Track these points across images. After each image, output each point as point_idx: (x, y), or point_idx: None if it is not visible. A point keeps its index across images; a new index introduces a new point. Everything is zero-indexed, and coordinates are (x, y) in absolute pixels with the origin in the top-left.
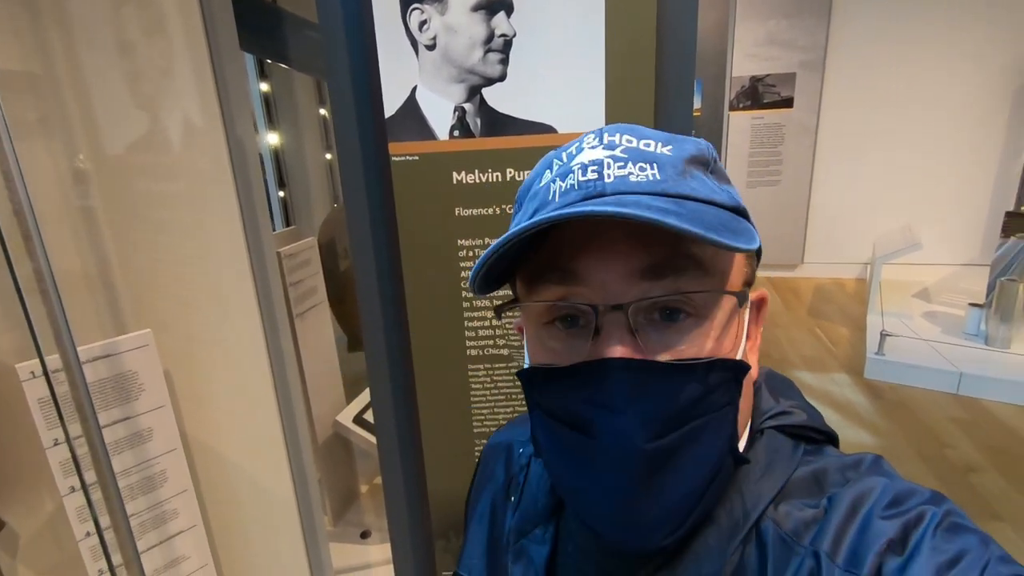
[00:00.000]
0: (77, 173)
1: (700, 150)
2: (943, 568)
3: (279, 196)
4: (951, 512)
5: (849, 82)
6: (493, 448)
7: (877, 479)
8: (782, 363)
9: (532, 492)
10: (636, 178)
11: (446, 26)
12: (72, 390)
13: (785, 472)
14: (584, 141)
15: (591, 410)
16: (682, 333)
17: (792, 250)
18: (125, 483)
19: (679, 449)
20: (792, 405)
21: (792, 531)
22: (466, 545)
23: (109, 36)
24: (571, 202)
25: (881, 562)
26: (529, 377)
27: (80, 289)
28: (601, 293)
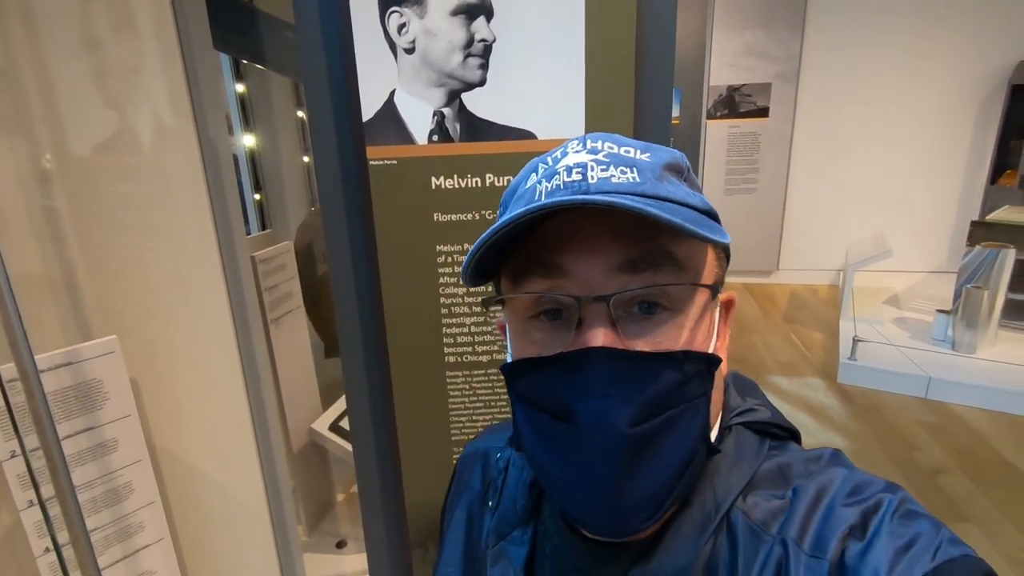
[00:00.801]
0: (41, 173)
1: (675, 159)
2: (900, 551)
3: (255, 199)
4: (906, 500)
5: (822, 92)
6: (469, 457)
7: (838, 470)
8: (758, 368)
9: (511, 495)
10: (617, 180)
11: (425, 30)
12: (29, 400)
13: (752, 465)
14: (568, 147)
15: (574, 397)
16: (659, 325)
17: (768, 257)
18: (88, 495)
19: (657, 435)
20: (757, 404)
21: (760, 521)
22: (442, 554)
23: (75, 31)
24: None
25: (844, 547)
26: (513, 370)
27: (43, 293)
28: (584, 286)
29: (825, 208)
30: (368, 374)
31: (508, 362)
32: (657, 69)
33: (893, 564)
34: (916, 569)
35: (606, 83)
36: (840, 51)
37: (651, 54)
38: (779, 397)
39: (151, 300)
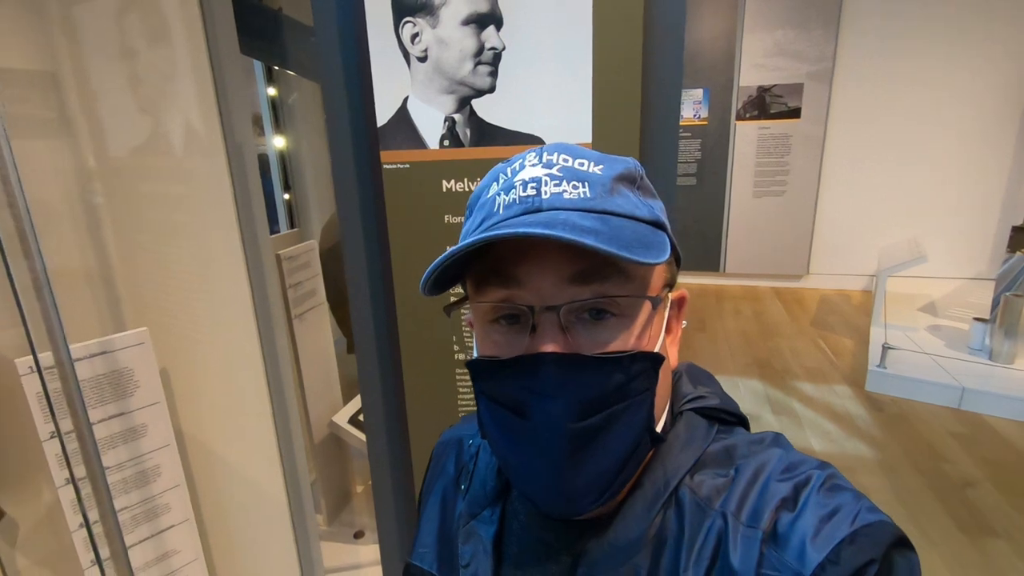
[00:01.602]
0: (82, 172)
1: (628, 169)
2: (824, 519)
3: (284, 198)
4: (833, 475)
5: (857, 94)
6: (444, 445)
7: (775, 450)
8: (784, 373)
9: (481, 478)
10: (569, 195)
11: (437, 39)
12: (64, 386)
13: (700, 447)
14: (526, 159)
15: (527, 396)
16: (607, 330)
17: (797, 261)
18: (119, 477)
19: (601, 429)
20: (708, 391)
21: (705, 497)
22: (418, 535)
23: (114, 41)
24: (513, 215)
25: (776, 517)
26: (476, 368)
27: (81, 287)
28: (537, 296)
29: (858, 211)
30: (381, 370)
31: (473, 359)
32: (665, 74)
33: (818, 530)
34: (837, 533)
35: (613, 89)
36: (876, 51)
37: (659, 60)
38: (804, 404)
39: (179, 295)
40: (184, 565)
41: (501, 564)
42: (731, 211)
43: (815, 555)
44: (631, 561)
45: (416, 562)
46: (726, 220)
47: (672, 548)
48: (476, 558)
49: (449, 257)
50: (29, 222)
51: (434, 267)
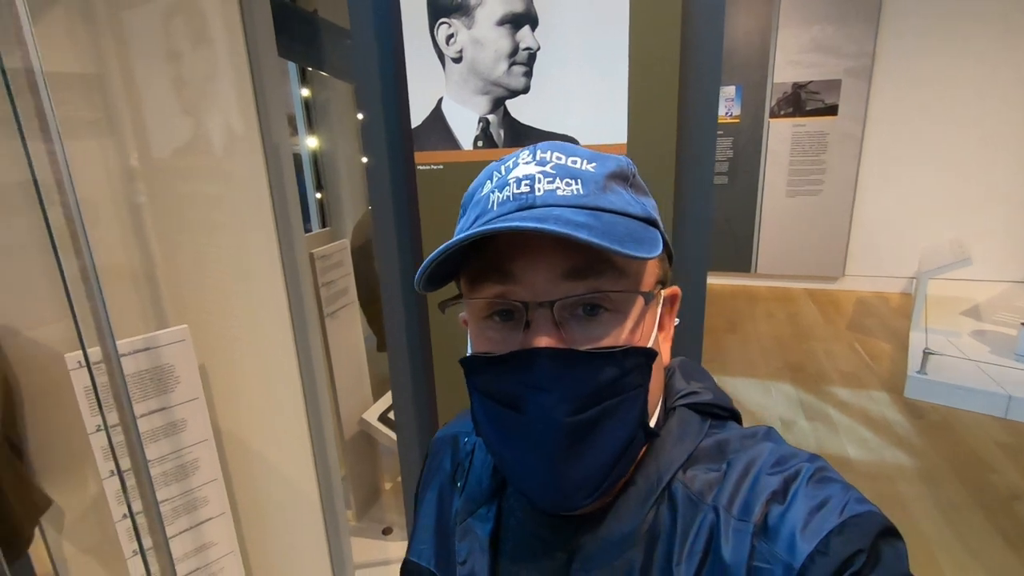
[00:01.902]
0: (128, 172)
1: (621, 167)
2: (814, 510)
3: (316, 198)
4: (822, 468)
5: (898, 90)
6: (440, 441)
7: (766, 444)
8: (818, 377)
9: (477, 475)
10: (562, 192)
11: (473, 40)
12: (110, 380)
13: (693, 442)
14: (520, 157)
15: (521, 391)
16: (600, 326)
17: (833, 262)
18: (160, 470)
19: (595, 423)
20: (701, 387)
21: (698, 491)
22: (415, 532)
23: (159, 44)
24: (507, 212)
25: (767, 510)
26: (470, 364)
27: (126, 284)
28: (531, 291)
29: (898, 211)
30: (412, 368)
31: (467, 356)
32: (703, 72)
33: (807, 521)
34: (826, 525)
35: (649, 88)
36: (918, 46)
37: (697, 57)
38: (839, 410)
39: (218, 293)
40: (221, 557)
41: (497, 561)
42: (763, 210)
43: (805, 546)
44: (625, 556)
45: (414, 558)
46: (758, 220)
47: (665, 542)
48: (472, 555)
49: (443, 252)
50: (80, 221)
51: (428, 262)
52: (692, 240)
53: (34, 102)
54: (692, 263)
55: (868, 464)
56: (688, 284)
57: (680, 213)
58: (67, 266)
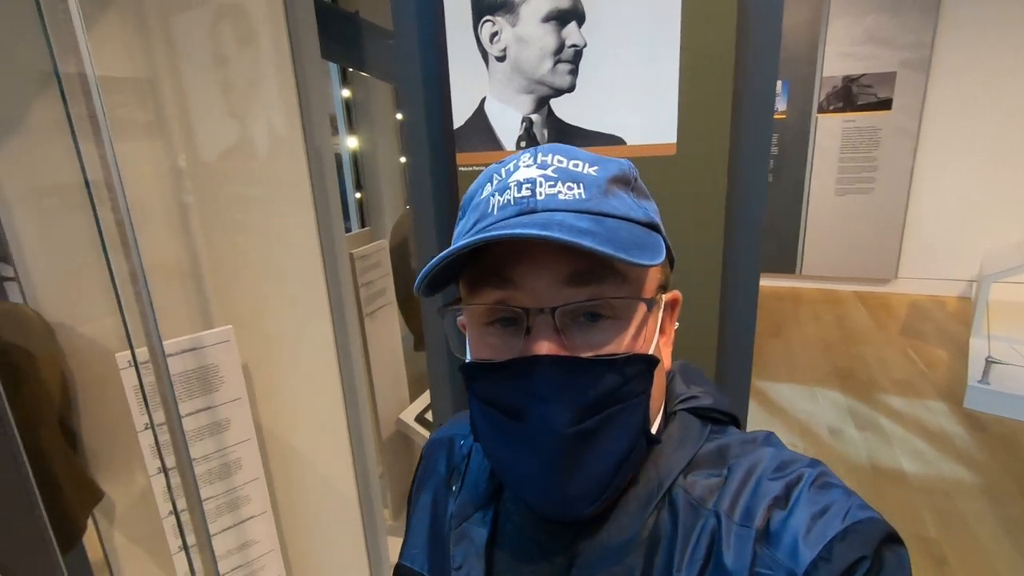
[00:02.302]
0: (176, 173)
1: (623, 171)
2: (816, 516)
3: (356, 198)
4: (824, 473)
5: (957, 82)
6: (434, 444)
7: (767, 449)
8: (868, 385)
9: (473, 479)
10: (564, 196)
11: (517, 37)
12: (157, 382)
13: (694, 447)
14: (520, 160)
15: (522, 399)
16: (602, 332)
17: (885, 263)
18: (205, 468)
19: (597, 432)
20: (701, 391)
21: (699, 497)
22: (409, 536)
23: (206, 48)
24: (508, 216)
25: (769, 516)
26: (470, 371)
27: (175, 284)
28: (533, 297)
29: (956, 210)
30: (451, 369)
31: (467, 362)
32: (759, 69)
33: (809, 528)
34: (829, 531)
35: (701, 85)
36: (980, 36)
37: (752, 53)
38: (892, 419)
39: (261, 293)
40: (262, 555)
41: (493, 567)
42: (810, 209)
43: (808, 553)
44: (625, 562)
45: (407, 563)
46: (804, 219)
47: (666, 548)
48: (468, 560)
49: (444, 258)
50: (129, 224)
51: (429, 268)
52: (744, 244)
53: (86, 106)
54: (744, 269)
55: (924, 478)
56: (738, 290)
57: (732, 216)
58: (118, 266)
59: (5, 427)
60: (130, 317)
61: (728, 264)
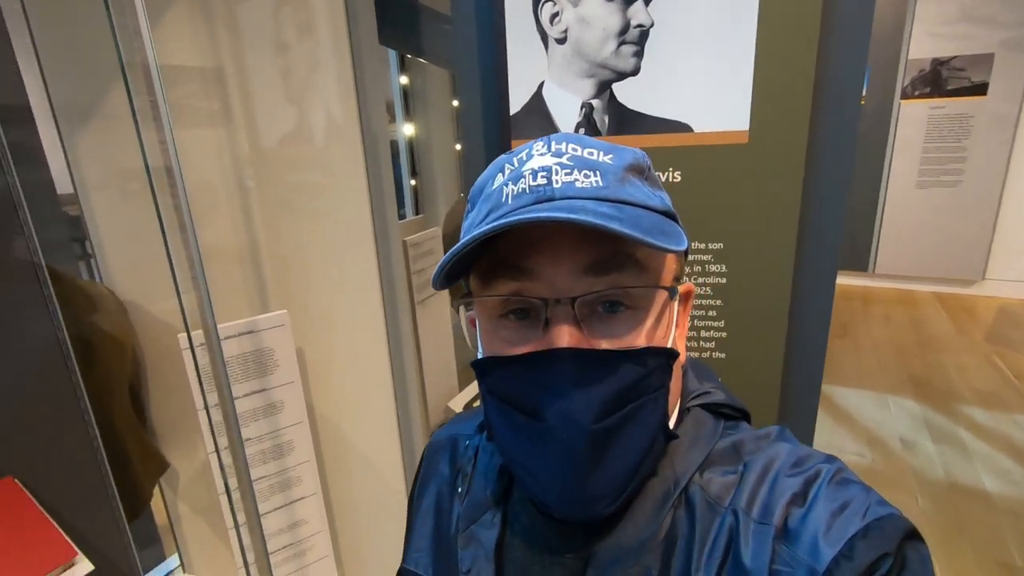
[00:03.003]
0: (238, 161)
1: (637, 159)
2: (835, 512)
3: (411, 185)
4: (841, 469)
5: None
6: (436, 445)
7: (783, 445)
8: (948, 395)
9: (480, 481)
10: (581, 184)
11: (579, 18)
12: (212, 366)
13: (709, 444)
14: (533, 148)
15: (541, 395)
16: (621, 323)
17: (970, 263)
18: (259, 448)
19: (619, 428)
20: (713, 387)
21: (715, 495)
22: (411, 539)
23: (268, 36)
24: (524, 205)
25: (787, 513)
26: (483, 366)
27: (235, 268)
28: (550, 288)
29: None
30: None
31: (479, 358)
32: (847, 53)
33: (829, 525)
34: (849, 528)
35: (780, 70)
36: None
37: (840, 35)
38: (974, 433)
39: (315, 279)
40: (312, 535)
41: (503, 569)
42: (887, 203)
43: (828, 550)
44: (641, 562)
45: (410, 566)
46: (880, 213)
47: (683, 548)
48: (477, 563)
49: (466, 245)
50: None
51: (448, 258)
52: (820, 242)
53: (148, 95)
54: (818, 271)
55: (1010, 499)
56: (811, 294)
57: (807, 212)
58: (181, 250)
59: (79, 400)
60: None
61: (801, 265)
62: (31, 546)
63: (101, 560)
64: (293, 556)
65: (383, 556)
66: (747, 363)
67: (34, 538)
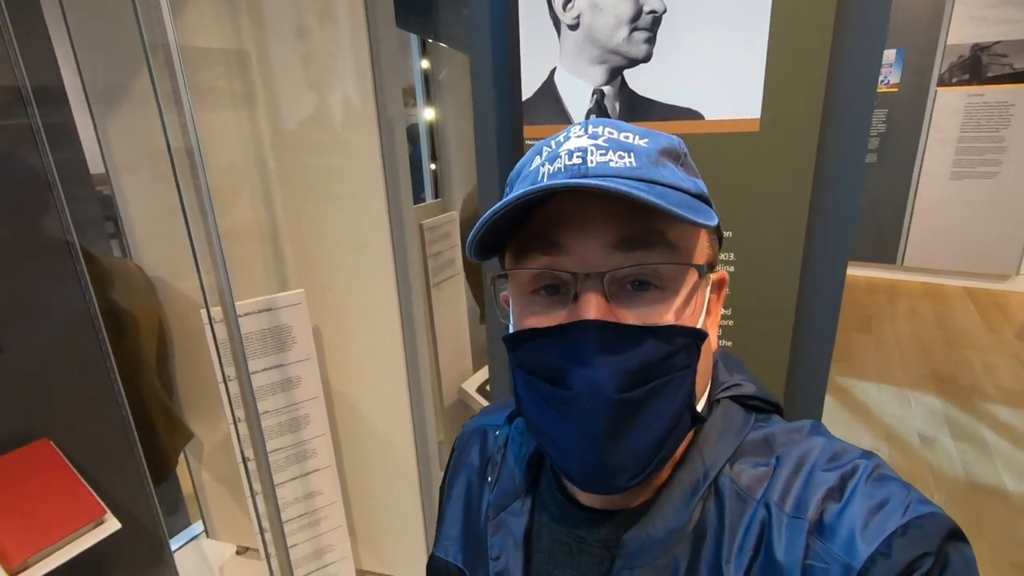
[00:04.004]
0: (259, 144)
1: (672, 145)
2: (873, 510)
3: (431, 169)
4: (880, 465)
5: None
6: (467, 435)
7: (817, 439)
8: (972, 392)
9: (509, 469)
10: (615, 164)
11: (591, 4)
12: (229, 339)
13: (739, 436)
14: (571, 131)
15: (568, 364)
16: (649, 302)
17: (1005, 258)
18: (276, 420)
19: (644, 402)
20: (743, 379)
21: (746, 487)
22: (442, 527)
23: (289, 21)
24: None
25: (823, 508)
26: (514, 340)
27: (256, 247)
28: (580, 262)
29: None
30: None
31: (510, 333)
32: (862, 43)
33: (867, 521)
34: (888, 525)
35: (793, 58)
36: None
37: (855, 25)
38: (997, 432)
39: (332, 259)
40: (326, 505)
41: (532, 557)
42: (919, 194)
43: (865, 547)
44: (670, 553)
45: (440, 554)
46: (911, 204)
47: (713, 540)
48: (506, 551)
49: (496, 212)
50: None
51: (479, 226)
52: (831, 233)
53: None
54: (828, 262)
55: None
56: (819, 287)
57: (818, 202)
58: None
59: (109, 370)
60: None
61: (810, 255)
62: (65, 503)
63: (129, 520)
64: (308, 525)
65: (395, 528)
66: (753, 352)
67: (67, 496)
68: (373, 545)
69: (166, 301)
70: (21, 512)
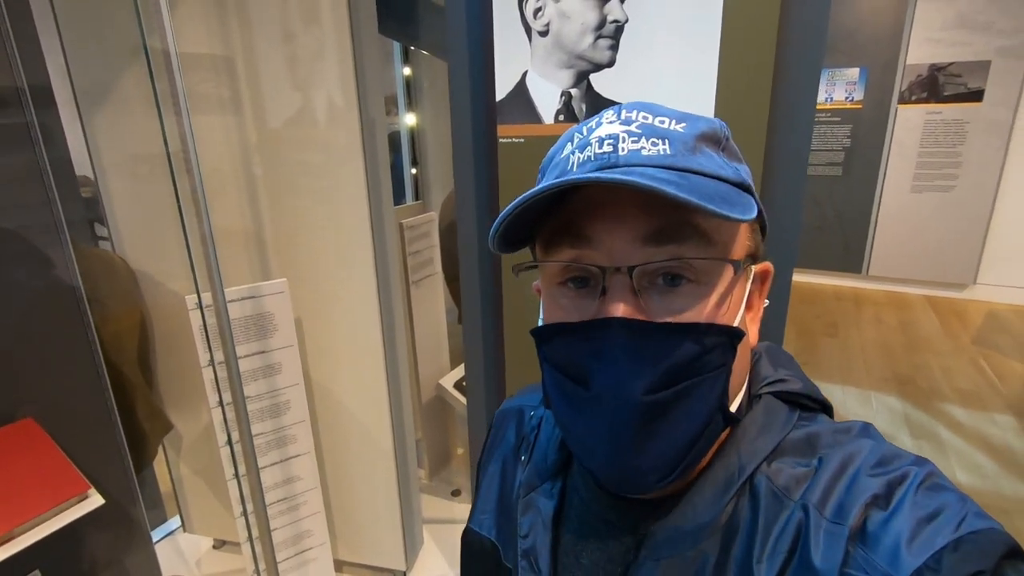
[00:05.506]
0: (245, 143)
1: (713, 128)
2: (923, 521)
3: (412, 173)
4: (933, 473)
5: None
6: (504, 414)
7: (865, 441)
8: (930, 393)
9: (542, 450)
10: (648, 152)
11: (560, 12)
12: (218, 322)
13: (780, 433)
14: (603, 116)
15: (593, 364)
16: (682, 297)
17: (962, 268)
18: (258, 406)
19: (672, 404)
20: (789, 375)
21: (784, 487)
22: (477, 502)
23: (275, 24)
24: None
25: (866, 515)
26: (541, 334)
27: (240, 239)
28: (609, 256)
29: None
30: (484, 336)
31: (538, 326)
32: (804, 48)
33: (915, 533)
34: (939, 539)
35: (741, 65)
36: None
37: (797, 31)
38: (952, 430)
39: (315, 253)
40: (305, 491)
41: (560, 539)
42: (882, 206)
43: (911, 560)
44: (698, 547)
45: (475, 527)
46: (875, 216)
47: (745, 537)
48: (535, 529)
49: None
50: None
51: (502, 218)
52: (777, 233)
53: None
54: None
55: (981, 493)
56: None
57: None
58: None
59: (94, 354)
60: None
61: None
62: (50, 478)
63: (110, 500)
64: (288, 510)
65: (371, 519)
66: None
67: (52, 472)
68: (349, 536)
69: (148, 295)
70: (5, 485)
